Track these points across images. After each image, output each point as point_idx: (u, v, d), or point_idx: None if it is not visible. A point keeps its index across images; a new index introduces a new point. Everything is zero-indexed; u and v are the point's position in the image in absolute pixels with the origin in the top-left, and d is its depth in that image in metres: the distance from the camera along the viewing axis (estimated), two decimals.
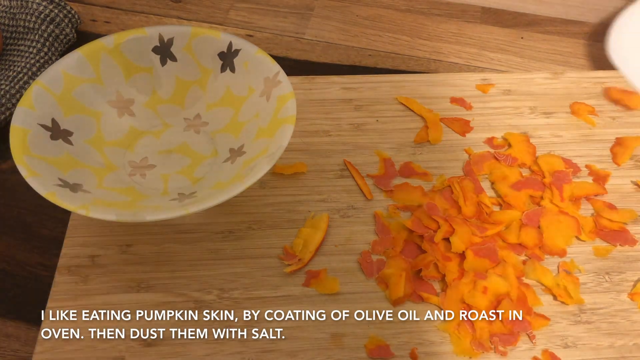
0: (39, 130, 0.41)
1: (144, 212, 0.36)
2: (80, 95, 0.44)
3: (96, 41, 0.45)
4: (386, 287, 0.40)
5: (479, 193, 0.44)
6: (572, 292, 0.40)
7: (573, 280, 0.40)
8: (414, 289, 0.40)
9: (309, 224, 0.43)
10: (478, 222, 0.43)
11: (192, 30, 0.46)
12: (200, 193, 0.41)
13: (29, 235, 0.45)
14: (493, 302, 0.39)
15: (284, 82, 0.43)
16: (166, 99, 0.47)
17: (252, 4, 0.63)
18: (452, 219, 0.42)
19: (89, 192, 0.39)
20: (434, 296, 0.40)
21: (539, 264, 0.41)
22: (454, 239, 0.41)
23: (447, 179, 0.45)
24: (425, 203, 0.43)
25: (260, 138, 0.43)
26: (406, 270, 0.40)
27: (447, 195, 0.44)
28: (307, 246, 0.42)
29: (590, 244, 0.43)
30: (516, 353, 0.38)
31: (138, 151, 0.45)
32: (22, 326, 0.40)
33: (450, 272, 0.40)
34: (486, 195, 0.44)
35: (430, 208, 0.43)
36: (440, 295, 0.40)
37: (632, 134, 0.49)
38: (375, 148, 0.48)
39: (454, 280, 0.40)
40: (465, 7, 0.63)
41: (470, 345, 0.38)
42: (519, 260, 0.41)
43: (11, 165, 0.48)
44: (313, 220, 0.43)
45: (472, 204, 0.43)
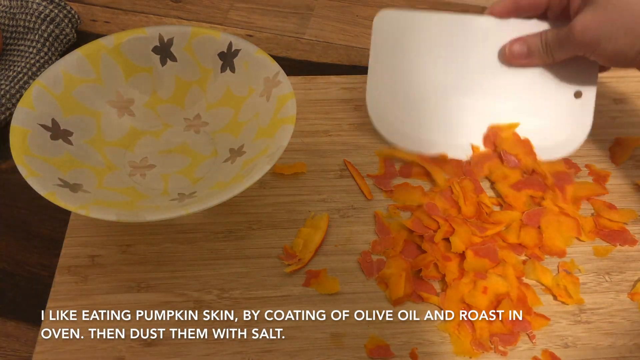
0: (39, 130, 0.41)
1: (144, 212, 0.36)
2: (80, 95, 0.44)
3: (96, 41, 0.45)
4: (386, 287, 0.40)
5: (479, 193, 0.44)
6: (572, 292, 0.40)
7: (573, 280, 0.40)
8: (414, 289, 0.40)
9: (309, 223, 0.43)
10: (478, 222, 0.43)
11: (192, 31, 0.46)
12: (200, 193, 0.41)
13: (29, 235, 0.45)
14: (493, 302, 0.39)
15: (283, 82, 0.43)
16: (166, 99, 0.47)
17: (252, 4, 0.63)
18: (452, 219, 0.42)
19: (89, 192, 0.39)
20: (434, 296, 0.40)
21: (539, 264, 0.41)
22: (454, 239, 0.41)
23: (447, 178, 0.45)
24: (425, 203, 0.43)
25: (260, 138, 0.43)
26: (406, 270, 0.40)
27: (447, 195, 0.44)
28: (307, 246, 0.42)
29: (590, 244, 0.43)
30: (516, 353, 0.38)
31: (138, 151, 0.45)
32: (22, 326, 0.40)
33: (450, 272, 0.40)
34: (486, 196, 0.44)
35: (430, 208, 0.43)
36: (440, 295, 0.40)
37: (632, 134, 0.48)
38: (375, 148, 0.48)
39: (454, 280, 0.40)
40: (466, 7, 0.62)
41: (471, 345, 0.38)
42: (519, 260, 0.41)
43: (11, 165, 0.48)
44: (313, 220, 0.43)
45: (472, 204, 0.43)
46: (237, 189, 0.37)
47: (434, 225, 0.42)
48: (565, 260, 0.42)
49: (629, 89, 0.52)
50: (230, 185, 0.38)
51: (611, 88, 0.52)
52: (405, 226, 0.43)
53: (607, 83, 0.52)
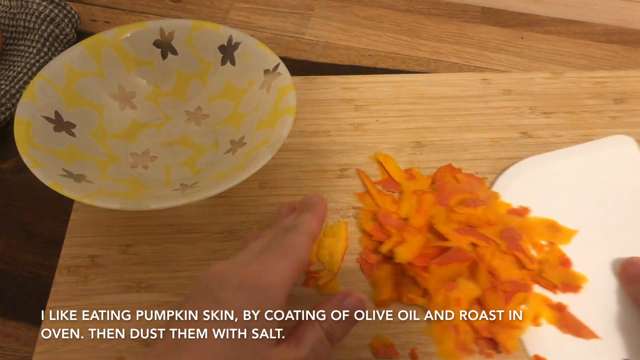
0: (42, 122, 0.41)
1: (147, 201, 0.37)
2: (82, 88, 0.45)
3: (98, 35, 0.46)
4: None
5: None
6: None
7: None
8: (399, 294, 0.39)
9: (328, 233, 0.43)
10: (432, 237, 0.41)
11: (192, 24, 0.47)
12: (203, 183, 0.42)
13: (29, 235, 0.45)
14: (473, 306, 0.38)
15: (283, 74, 0.43)
16: (167, 92, 0.48)
17: (252, 4, 0.63)
18: (405, 228, 0.41)
19: (93, 182, 0.40)
20: (421, 298, 0.39)
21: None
22: (399, 249, 0.39)
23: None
24: (380, 212, 0.43)
25: (261, 129, 0.43)
26: (396, 274, 0.40)
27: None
28: (333, 255, 0.41)
29: None
30: (502, 357, 0.37)
31: (140, 143, 0.46)
32: (22, 326, 0.40)
33: (430, 283, 0.39)
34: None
35: (383, 217, 0.42)
36: (427, 298, 0.39)
37: (632, 134, 0.48)
38: (375, 148, 0.48)
39: (434, 292, 0.39)
40: (465, 7, 0.63)
41: (455, 349, 0.37)
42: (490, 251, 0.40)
43: (11, 165, 0.48)
44: (332, 229, 0.43)
45: (423, 217, 0.42)
46: (239, 177, 0.37)
47: (385, 235, 0.41)
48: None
49: (629, 89, 0.52)
50: (232, 175, 0.39)
51: (611, 88, 0.52)
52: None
53: (607, 83, 0.52)
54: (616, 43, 0.59)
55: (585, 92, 0.52)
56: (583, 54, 0.58)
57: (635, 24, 0.61)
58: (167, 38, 0.47)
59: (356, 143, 0.48)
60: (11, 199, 0.47)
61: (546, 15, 0.62)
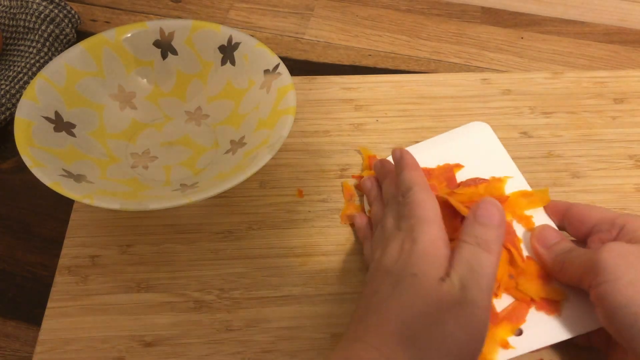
0: (42, 123, 0.41)
1: (147, 201, 0.37)
2: (82, 88, 0.45)
3: (98, 35, 0.46)
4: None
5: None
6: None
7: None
8: None
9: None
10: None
11: (192, 24, 0.47)
12: (203, 183, 0.42)
13: (29, 235, 0.45)
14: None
15: (283, 74, 0.43)
16: (167, 92, 0.48)
17: (252, 4, 0.63)
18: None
19: (93, 182, 0.40)
20: None
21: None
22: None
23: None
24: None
25: (261, 129, 0.43)
26: None
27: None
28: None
29: None
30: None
31: (140, 143, 0.46)
32: (22, 326, 0.40)
33: None
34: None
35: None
36: None
37: (631, 134, 0.49)
38: (376, 148, 0.48)
39: None
40: (465, 7, 0.63)
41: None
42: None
43: (11, 166, 0.48)
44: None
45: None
46: (239, 178, 0.37)
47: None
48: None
49: (629, 89, 0.52)
50: (232, 175, 0.39)
51: (611, 88, 0.52)
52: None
53: (607, 83, 0.52)
54: (616, 43, 0.59)
55: (585, 92, 0.52)
56: (583, 54, 0.58)
57: (635, 24, 0.61)
58: (167, 38, 0.47)
59: (356, 143, 0.48)
60: (11, 199, 0.47)
61: (546, 15, 0.62)
